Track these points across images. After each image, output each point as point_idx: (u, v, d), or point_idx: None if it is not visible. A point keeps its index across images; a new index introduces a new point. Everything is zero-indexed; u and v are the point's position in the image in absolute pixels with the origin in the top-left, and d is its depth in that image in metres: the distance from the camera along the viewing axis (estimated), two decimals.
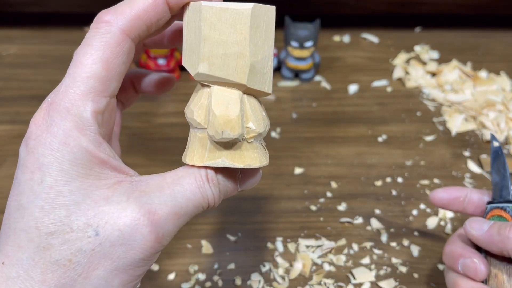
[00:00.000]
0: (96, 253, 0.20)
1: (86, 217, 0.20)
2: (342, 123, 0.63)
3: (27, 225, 0.21)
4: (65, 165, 0.21)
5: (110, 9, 0.22)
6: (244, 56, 0.23)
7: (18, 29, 0.80)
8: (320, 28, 0.67)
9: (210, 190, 0.24)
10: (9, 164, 0.53)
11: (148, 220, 0.21)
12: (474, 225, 0.34)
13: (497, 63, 0.76)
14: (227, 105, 0.23)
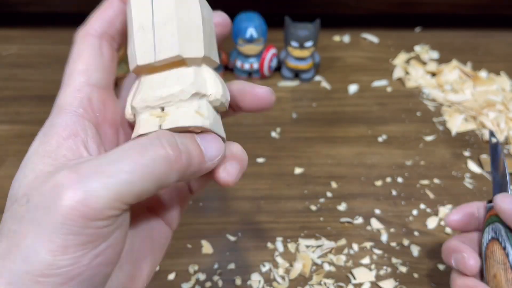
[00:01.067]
0: (25, 220, 0.20)
1: (26, 188, 0.21)
2: (342, 123, 0.63)
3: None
4: (34, 143, 0.23)
5: (83, 27, 0.27)
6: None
7: (18, 29, 0.80)
8: (320, 28, 0.67)
9: (156, 140, 0.21)
10: (9, 164, 0.53)
11: (66, 179, 0.20)
12: (506, 199, 0.34)
13: (497, 63, 0.76)
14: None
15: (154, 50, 0.24)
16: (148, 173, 0.20)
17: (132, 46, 0.25)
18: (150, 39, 0.24)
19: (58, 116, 0.24)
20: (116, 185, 0.20)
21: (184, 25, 0.24)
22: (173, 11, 0.24)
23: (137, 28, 0.25)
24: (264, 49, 0.68)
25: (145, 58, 0.24)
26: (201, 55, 0.25)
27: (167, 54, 0.24)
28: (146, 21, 0.25)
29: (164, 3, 0.24)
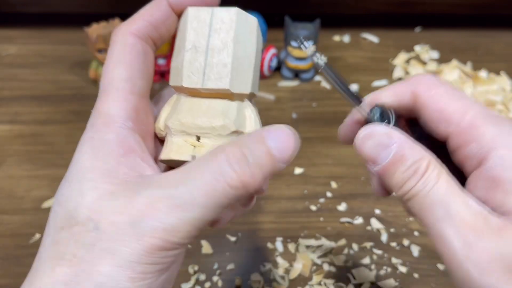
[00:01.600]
0: (97, 249, 0.20)
1: (89, 210, 0.20)
2: None
3: (50, 220, 0.22)
4: (84, 158, 0.22)
5: (123, 23, 0.25)
6: None
7: (18, 29, 0.80)
8: (320, 28, 0.67)
9: (229, 170, 0.20)
10: (9, 164, 0.53)
11: (144, 214, 0.20)
12: (366, 141, 0.24)
13: (497, 63, 0.76)
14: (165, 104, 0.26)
15: (203, 75, 0.24)
16: (222, 203, 0.21)
17: (180, 63, 0.24)
18: (201, 62, 0.24)
19: (107, 128, 0.22)
20: (193, 219, 0.20)
21: (238, 56, 0.24)
22: (231, 39, 0.24)
23: (189, 47, 0.24)
24: (264, 49, 0.68)
25: (192, 82, 0.24)
26: (247, 91, 0.24)
27: (217, 84, 0.23)
28: (200, 42, 0.24)
29: (224, 28, 0.24)
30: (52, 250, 0.21)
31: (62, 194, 0.22)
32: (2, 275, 0.42)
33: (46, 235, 0.22)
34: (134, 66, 0.24)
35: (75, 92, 0.66)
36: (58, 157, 0.54)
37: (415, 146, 0.23)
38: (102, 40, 0.61)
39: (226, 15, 0.24)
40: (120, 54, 0.24)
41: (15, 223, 0.47)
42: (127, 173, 0.22)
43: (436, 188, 0.21)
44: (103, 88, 0.24)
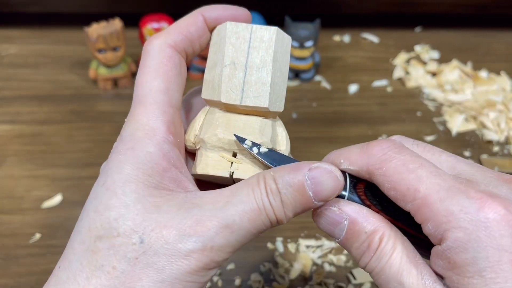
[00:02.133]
0: (139, 262, 0.19)
1: (133, 222, 0.20)
2: (343, 123, 0.63)
3: (82, 226, 0.21)
4: (126, 168, 0.21)
5: (158, 33, 0.25)
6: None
7: (18, 29, 0.80)
8: (320, 28, 0.67)
9: (267, 201, 0.21)
10: (9, 164, 0.53)
11: (194, 230, 0.20)
12: None
13: (498, 63, 0.76)
14: (196, 117, 0.26)
15: (242, 92, 0.24)
16: (261, 230, 0.21)
17: (217, 78, 0.24)
18: (240, 78, 0.24)
19: (149, 141, 0.22)
20: (237, 241, 0.21)
21: (276, 75, 0.24)
22: (271, 58, 0.24)
23: (227, 62, 0.24)
24: None
25: (230, 98, 0.24)
26: (281, 110, 0.25)
27: (255, 103, 0.24)
28: (239, 58, 0.24)
29: (263, 46, 0.24)
30: (87, 259, 0.20)
31: (101, 202, 0.21)
32: (2, 275, 0.42)
33: (78, 241, 0.21)
34: (171, 78, 0.24)
35: (75, 92, 0.66)
36: (58, 157, 0.54)
37: (369, 218, 0.22)
38: (102, 40, 0.61)
39: (266, 34, 0.24)
40: (158, 66, 0.24)
41: (15, 223, 0.47)
42: (172, 188, 0.21)
43: (390, 263, 0.21)
44: (139, 98, 0.23)
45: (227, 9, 0.26)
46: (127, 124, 0.23)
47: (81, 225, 0.21)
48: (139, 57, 0.69)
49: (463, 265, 0.19)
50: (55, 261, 0.45)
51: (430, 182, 0.20)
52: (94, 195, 0.22)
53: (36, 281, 0.41)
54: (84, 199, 0.22)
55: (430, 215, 0.20)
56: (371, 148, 0.22)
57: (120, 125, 0.23)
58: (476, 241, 0.19)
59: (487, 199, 0.19)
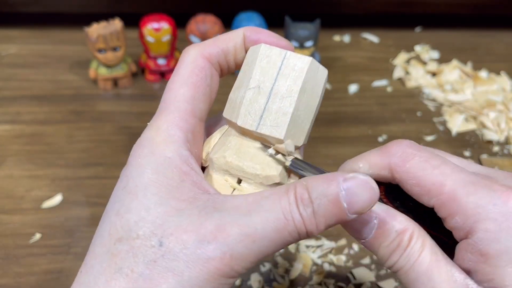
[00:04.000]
0: (158, 265, 0.19)
1: (153, 225, 0.20)
2: (343, 123, 0.63)
3: (104, 229, 0.21)
4: (147, 172, 0.21)
5: (196, 44, 0.25)
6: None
7: (18, 29, 0.80)
8: (320, 28, 0.67)
9: (297, 212, 0.20)
10: (9, 164, 0.53)
11: (214, 236, 0.19)
12: None
13: (498, 63, 0.76)
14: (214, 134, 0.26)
15: (260, 118, 0.23)
16: (287, 242, 0.21)
17: (239, 99, 0.23)
18: (261, 104, 0.23)
19: (167, 147, 0.22)
20: (259, 251, 0.20)
21: (300, 107, 0.23)
22: (298, 89, 0.23)
23: (252, 85, 0.23)
24: None
25: (247, 122, 0.23)
26: (299, 144, 0.24)
27: (271, 132, 0.23)
28: (265, 83, 0.23)
29: (293, 75, 0.23)
30: (107, 262, 0.20)
31: (123, 205, 0.21)
32: (2, 275, 0.42)
33: (98, 244, 0.21)
34: (199, 88, 0.24)
35: (75, 92, 0.66)
36: (58, 157, 0.54)
37: (397, 217, 0.22)
38: (102, 40, 0.61)
39: (298, 63, 0.23)
40: (188, 75, 0.24)
41: (15, 223, 0.47)
42: (194, 191, 0.21)
43: (420, 261, 0.21)
44: (165, 104, 0.24)
45: (270, 36, 0.26)
46: (148, 128, 0.23)
47: (103, 229, 0.21)
48: (139, 57, 0.69)
49: (496, 255, 0.19)
50: (55, 261, 0.46)
51: (455, 177, 0.21)
52: (115, 198, 0.21)
53: (36, 281, 0.41)
54: (84, 199, 0.22)
55: (458, 208, 0.20)
56: (390, 148, 0.23)
57: (120, 125, 0.23)
58: (507, 231, 0.19)
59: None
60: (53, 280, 0.42)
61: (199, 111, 0.24)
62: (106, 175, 0.52)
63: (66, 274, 0.42)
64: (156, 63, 0.67)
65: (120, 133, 0.58)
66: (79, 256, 0.43)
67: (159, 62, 0.67)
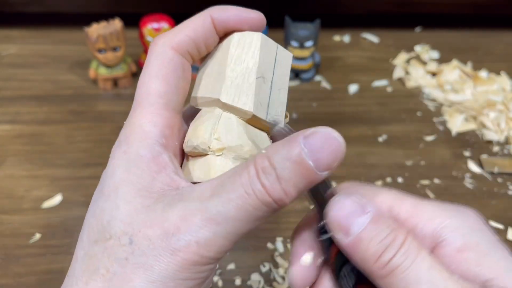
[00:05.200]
0: (129, 263, 0.19)
1: (123, 223, 0.20)
2: (342, 123, 0.63)
3: (83, 232, 0.21)
4: (118, 172, 0.21)
5: (164, 33, 0.24)
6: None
7: (18, 29, 0.80)
8: (320, 28, 0.67)
9: (258, 183, 0.19)
10: (9, 164, 0.53)
11: (177, 227, 0.19)
12: (340, 208, 0.21)
13: (498, 63, 0.76)
14: (202, 119, 0.24)
15: (267, 107, 0.24)
16: (256, 217, 0.20)
17: (247, 87, 0.23)
18: (266, 94, 0.24)
19: (141, 144, 0.22)
20: (226, 233, 0.20)
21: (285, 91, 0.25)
22: (288, 80, 0.25)
23: (259, 75, 0.23)
24: None
25: (259, 111, 0.23)
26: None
27: (280, 121, 0.24)
28: (268, 73, 0.24)
29: (285, 67, 0.25)
30: (85, 264, 0.20)
31: (98, 206, 0.21)
32: (2, 275, 0.42)
33: (79, 247, 0.21)
34: (170, 81, 0.23)
35: (75, 92, 0.66)
36: (58, 157, 0.54)
37: (391, 218, 0.20)
38: (102, 40, 0.61)
39: (287, 57, 0.25)
40: (158, 68, 0.23)
41: (15, 223, 0.47)
42: (163, 188, 0.21)
43: (419, 261, 0.19)
44: (137, 100, 0.23)
45: (240, 12, 0.24)
46: (124, 126, 0.23)
47: (82, 232, 0.21)
48: (139, 57, 0.69)
49: (474, 245, 0.20)
50: (55, 261, 0.46)
51: None
52: (92, 201, 0.22)
53: (36, 281, 0.41)
54: (84, 199, 0.23)
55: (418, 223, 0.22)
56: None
57: (120, 125, 0.23)
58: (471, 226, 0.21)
59: None
60: (53, 280, 0.42)
61: (173, 103, 0.23)
62: None
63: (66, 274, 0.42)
64: None
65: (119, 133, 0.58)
66: None
67: None
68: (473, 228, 0.21)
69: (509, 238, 0.48)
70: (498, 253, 0.20)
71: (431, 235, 0.21)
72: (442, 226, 0.21)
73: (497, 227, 0.49)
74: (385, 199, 0.22)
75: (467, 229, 0.20)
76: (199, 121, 0.24)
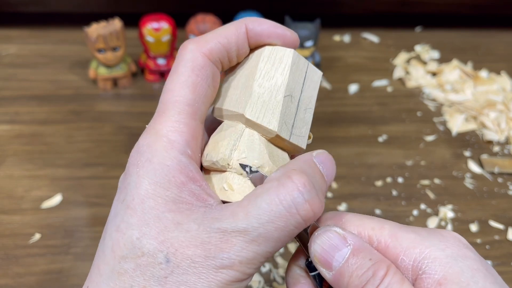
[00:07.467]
0: (169, 281, 0.19)
1: (156, 241, 0.20)
2: (343, 123, 0.63)
3: (106, 246, 0.21)
4: (144, 183, 0.21)
5: (194, 38, 0.23)
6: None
7: (18, 29, 0.79)
8: (320, 27, 0.67)
9: (302, 200, 0.20)
10: (9, 164, 0.53)
11: (220, 249, 0.19)
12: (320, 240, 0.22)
13: (498, 63, 0.76)
14: (224, 134, 0.23)
15: (292, 128, 0.23)
16: (293, 234, 0.20)
17: (273, 105, 0.22)
18: (292, 113, 0.23)
19: (167, 154, 0.21)
20: (267, 252, 0.20)
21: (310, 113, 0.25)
22: (315, 99, 0.24)
23: (287, 93, 0.23)
24: None
25: (283, 131, 0.23)
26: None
27: (298, 142, 0.24)
28: (296, 92, 0.23)
29: (313, 86, 0.24)
30: (114, 282, 0.20)
31: (123, 220, 0.20)
32: (2, 275, 0.42)
33: (103, 262, 0.20)
34: (200, 89, 0.22)
35: (75, 92, 0.66)
36: (58, 157, 0.54)
37: (373, 250, 0.20)
38: (102, 40, 0.61)
39: (316, 75, 0.25)
40: (188, 74, 0.22)
41: (15, 223, 0.46)
42: (191, 202, 0.21)
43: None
44: (163, 106, 0.22)
45: (275, 27, 0.24)
46: (146, 132, 0.22)
47: (105, 245, 0.21)
48: (139, 57, 0.69)
49: (455, 277, 0.20)
50: (55, 261, 0.46)
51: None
52: (114, 212, 0.21)
53: (36, 281, 0.41)
54: (84, 199, 0.22)
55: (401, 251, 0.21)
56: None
57: (119, 125, 0.23)
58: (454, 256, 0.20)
59: None
60: (53, 280, 0.42)
61: (199, 113, 0.22)
62: (106, 175, 0.52)
63: (66, 274, 0.42)
64: (155, 63, 0.67)
65: (120, 133, 0.58)
66: (78, 256, 0.43)
67: (159, 62, 0.67)
68: (453, 257, 0.20)
69: (509, 238, 0.48)
70: (480, 284, 0.19)
71: (412, 266, 0.20)
72: (422, 256, 0.20)
73: (497, 227, 0.49)
74: (365, 228, 0.22)
75: (448, 258, 0.20)
76: (220, 135, 0.23)
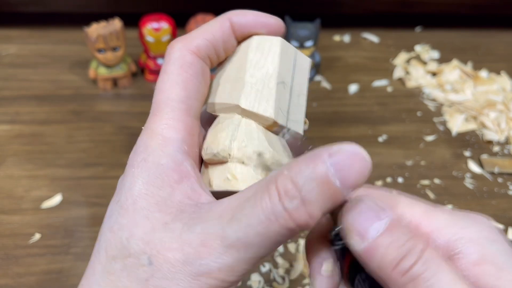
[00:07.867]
0: (150, 285, 0.19)
1: (142, 242, 0.20)
2: (343, 123, 0.63)
3: (100, 246, 0.21)
4: (138, 183, 0.21)
5: (181, 37, 0.23)
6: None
7: (18, 29, 0.79)
8: (320, 27, 0.67)
9: (280, 208, 0.18)
10: (9, 164, 0.53)
11: (198, 253, 0.19)
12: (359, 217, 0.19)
13: (498, 63, 0.76)
14: (222, 126, 0.23)
15: (287, 114, 0.23)
16: (277, 242, 0.19)
17: (267, 92, 0.23)
18: (286, 100, 0.23)
19: (162, 152, 0.21)
20: (247, 258, 0.19)
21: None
22: (306, 86, 0.24)
23: (280, 80, 0.23)
24: None
25: (279, 117, 0.23)
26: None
27: (295, 127, 0.24)
28: (287, 79, 0.23)
29: (303, 73, 0.24)
30: (104, 281, 0.20)
31: (116, 221, 0.20)
32: (2, 275, 0.42)
33: (96, 262, 0.21)
34: (191, 86, 0.23)
35: (75, 92, 0.66)
36: (58, 157, 0.54)
37: (408, 225, 0.19)
38: (102, 40, 0.61)
39: (305, 62, 0.25)
40: (178, 72, 0.22)
41: (15, 223, 0.46)
42: (182, 201, 0.20)
43: (441, 273, 0.17)
44: (157, 106, 0.22)
45: (258, 16, 0.24)
46: (142, 133, 0.22)
47: (99, 245, 0.21)
48: (139, 57, 0.69)
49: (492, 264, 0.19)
50: (55, 261, 0.46)
51: None
52: (109, 213, 0.21)
53: (36, 281, 0.41)
54: (84, 199, 0.22)
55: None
56: None
57: (119, 125, 0.23)
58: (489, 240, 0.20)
59: None
60: (53, 280, 0.42)
61: (193, 109, 0.23)
62: (106, 175, 0.52)
63: (66, 274, 0.42)
64: (155, 63, 0.67)
65: (120, 133, 0.58)
66: (78, 256, 0.43)
67: (159, 62, 0.67)
68: (489, 239, 0.20)
69: (509, 238, 0.48)
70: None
71: (445, 246, 0.20)
72: (457, 237, 0.20)
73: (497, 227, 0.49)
74: (397, 204, 0.21)
75: (483, 240, 0.20)
76: (218, 127, 0.23)
